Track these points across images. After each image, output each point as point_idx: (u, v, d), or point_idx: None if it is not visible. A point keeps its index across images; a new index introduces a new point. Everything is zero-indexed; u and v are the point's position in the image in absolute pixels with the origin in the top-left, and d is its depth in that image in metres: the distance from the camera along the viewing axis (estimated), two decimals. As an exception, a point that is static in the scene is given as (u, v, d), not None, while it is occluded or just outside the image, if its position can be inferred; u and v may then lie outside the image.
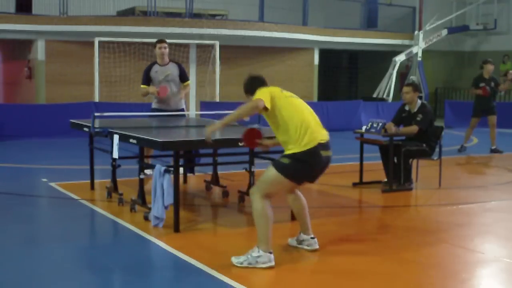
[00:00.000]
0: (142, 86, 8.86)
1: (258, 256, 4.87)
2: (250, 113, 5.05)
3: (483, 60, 12.65)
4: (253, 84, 5.19)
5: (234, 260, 4.96)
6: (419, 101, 8.40)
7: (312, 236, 5.46)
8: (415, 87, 8.48)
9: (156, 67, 8.77)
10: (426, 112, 8.28)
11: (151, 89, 8.70)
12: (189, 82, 9.06)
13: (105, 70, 16.49)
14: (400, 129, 8.40)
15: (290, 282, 4.72)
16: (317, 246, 5.43)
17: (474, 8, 23.05)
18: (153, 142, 6.01)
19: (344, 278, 4.75)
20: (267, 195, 4.94)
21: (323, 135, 5.01)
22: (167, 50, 8.80)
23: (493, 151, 12.35)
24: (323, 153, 4.95)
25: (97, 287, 4.67)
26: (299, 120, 4.92)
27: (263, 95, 4.93)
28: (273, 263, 4.89)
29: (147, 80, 8.79)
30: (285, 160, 4.89)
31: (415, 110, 8.32)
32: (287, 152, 4.94)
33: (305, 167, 4.89)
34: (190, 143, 6.58)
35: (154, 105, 8.97)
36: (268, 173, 4.96)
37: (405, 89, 8.43)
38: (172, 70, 8.81)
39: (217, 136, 5.77)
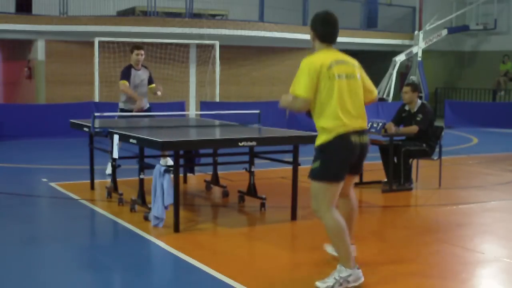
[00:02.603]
0: (124, 82, 9.12)
1: (348, 275, 4.49)
2: (294, 110, 4.65)
3: None
4: (317, 25, 4.66)
5: (322, 285, 4.46)
6: (419, 101, 8.40)
7: (351, 243, 4.86)
8: (415, 87, 8.48)
9: (133, 72, 9.25)
10: (426, 112, 8.28)
11: (137, 97, 9.13)
12: (154, 85, 9.47)
13: (105, 70, 16.47)
14: (400, 129, 8.41)
15: (289, 281, 4.72)
16: (355, 254, 4.84)
17: (474, 8, 23.05)
18: (153, 142, 6.01)
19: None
20: (330, 204, 4.54)
21: (358, 123, 4.65)
22: (143, 57, 9.36)
23: None
24: (356, 138, 4.61)
25: (97, 287, 4.67)
26: (335, 104, 4.51)
27: (303, 82, 4.46)
28: (363, 279, 4.53)
29: (129, 78, 9.22)
30: (316, 165, 4.53)
31: (415, 110, 8.33)
32: (318, 141, 4.57)
33: (336, 157, 4.51)
34: (190, 143, 6.57)
35: (122, 105, 9.33)
36: (312, 188, 4.59)
37: (405, 89, 8.44)
38: (145, 75, 9.40)
39: (217, 136, 5.77)
